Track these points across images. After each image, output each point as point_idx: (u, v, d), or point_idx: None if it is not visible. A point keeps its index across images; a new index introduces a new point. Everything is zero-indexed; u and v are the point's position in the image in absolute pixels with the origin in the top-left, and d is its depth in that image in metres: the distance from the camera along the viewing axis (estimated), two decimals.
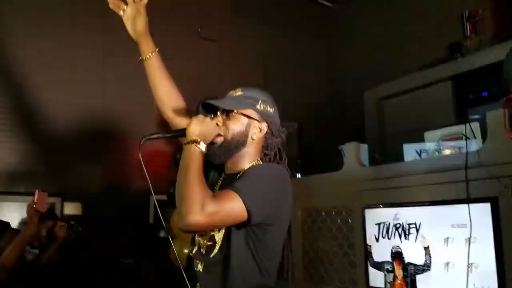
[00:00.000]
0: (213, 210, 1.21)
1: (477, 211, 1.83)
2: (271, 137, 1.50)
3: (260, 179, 1.34)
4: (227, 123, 1.45)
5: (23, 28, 3.81)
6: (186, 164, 1.29)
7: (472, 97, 3.11)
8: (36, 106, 3.77)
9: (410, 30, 4.35)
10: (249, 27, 4.98)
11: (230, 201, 1.25)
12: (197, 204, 1.19)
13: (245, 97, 1.48)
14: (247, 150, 1.47)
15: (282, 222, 1.41)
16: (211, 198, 1.23)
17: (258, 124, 1.47)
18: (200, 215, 1.18)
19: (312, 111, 4.93)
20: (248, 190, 1.27)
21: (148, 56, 1.65)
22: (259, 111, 1.47)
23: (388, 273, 2.19)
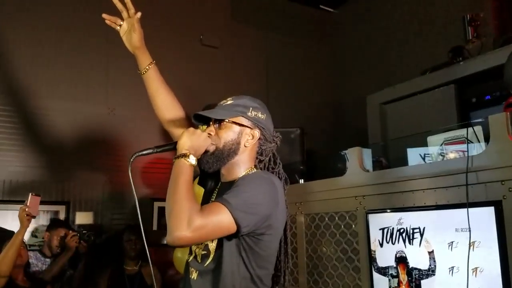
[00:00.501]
0: (199, 224, 1.21)
1: (481, 215, 1.82)
2: (264, 143, 1.53)
3: (249, 190, 1.34)
4: (219, 132, 1.48)
5: (25, 35, 3.84)
6: (174, 178, 1.31)
7: (474, 100, 3.11)
8: (39, 114, 3.79)
9: (412, 34, 4.36)
10: (250, 33, 5.00)
11: (217, 214, 1.26)
12: (183, 220, 1.20)
13: (235, 105, 1.50)
14: (241, 157, 1.49)
15: (274, 230, 1.41)
16: (198, 212, 1.24)
17: (250, 131, 1.49)
18: (187, 231, 1.19)
19: (314, 116, 4.94)
20: (235, 202, 1.28)
21: (146, 68, 1.68)
22: (250, 118, 1.49)
23: (393, 278, 2.18)
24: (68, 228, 3.19)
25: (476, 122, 2.12)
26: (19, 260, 2.70)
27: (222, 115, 1.48)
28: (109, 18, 1.64)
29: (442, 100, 3.19)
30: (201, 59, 4.62)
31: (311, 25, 5.44)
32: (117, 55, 4.19)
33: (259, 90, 4.83)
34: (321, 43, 5.49)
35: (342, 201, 2.54)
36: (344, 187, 2.53)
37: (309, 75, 5.24)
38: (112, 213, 3.94)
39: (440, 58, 3.46)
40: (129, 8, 1.62)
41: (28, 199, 2.68)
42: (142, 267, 3.28)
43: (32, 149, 3.73)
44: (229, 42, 4.83)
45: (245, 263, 1.38)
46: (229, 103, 1.51)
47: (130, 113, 4.15)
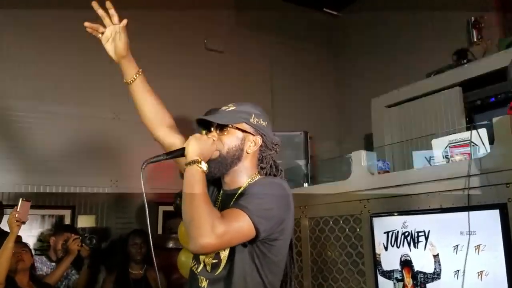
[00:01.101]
0: (223, 230, 1.21)
1: (486, 218, 1.81)
2: (265, 150, 1.53)
3: (264, 195, 1.34)
4: (222, 138, 1.46)
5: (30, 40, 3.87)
6: (190, 186, 1.29)
7: (479, 103, 3.10)
8: (44, 119, 3.81)
9: (416, 37, 4.36)
10: (255, 37, 5.02)
11: (238, 220, 1.26)
12: (206, 226, 1.19)
13: (238, 111, 1.49)
14: (243, 164, 1.48)
15: (285, 235, 1.42)
16: (220, 218, 1.23)
17: (252, 138, 1.49)
18: (211, 237, 1.18)
19: (319, 120, 4.94)
20: (254, 208, 1.28)
21: (134, 78, 1.62)
22: (252, 124, 1.49)
23: (398, 281, 2.17)
24: (73, 232, 3.20)
25: (480, 124, 2.12)
26: (22, 265, 2.70)
27: (226, 121, 1.47)
28: (90, 26, 1.59)
29: (447, 102, 3.19)
30: (205, 63, 4.63)
31: (315, 29, 5.45)
32: None
33: (263, 94, 4.84)
34: (325, 47, 5.49)
35: (347, 205, 2.54)
36: (349, 190, 2.53)
37: (314, 78, 5.24)
38: (117, 217, 3.95)
39: (445, 60, 3.45)
40: (112, 14, 1.55)
41: (19, 205, 2.66)
42: (147, 271, 3.28)
43: (37, 153, 3.75)
44: (233, 46, 4.84)
45: (258, 270, 1.37)
46: (232, 109, 1.50)
47: (135, 118, 4.13)
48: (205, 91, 4.44)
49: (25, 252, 2.75)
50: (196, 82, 4.50)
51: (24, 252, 2.75)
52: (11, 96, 3.74)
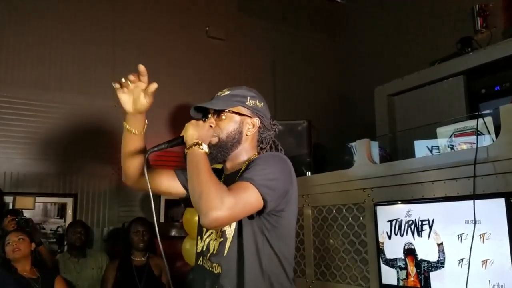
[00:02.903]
0: (232, 203, 1.21)
1: (491, 206, 1.80)
2: (264, 131, 1.55)
3: (267, 166, 1.35)
4: (220, 123, 1.48)
5: (33, 30, 3.85)
6: (195, 166, 1.30)
7: (484, 91, 3.08)
8: (47, 107, 3.81)
9: (421, 25, 4.32)
10: (257, 25, 4.98)
11: (245, 191, 1.26)
12: (216, 200, 1.19)
13: (233, 95, 1.51)
14: (244, 146, 1.51)
15: (291, 205, 1.43)
16: (228, 191, 1.23)
17: (250, 120, 1.51)
18: (221, 210, 1.19)
19: (322, 108, 4.92)
20: (259, 178, 1.29)
21: (140, 132, 1.56)
22: (249, 107, 1.50)
23: (401, 270, 2.17)
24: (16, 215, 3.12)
25: (486, 113, 2.10)
26: (19, 254, 2.71)
27: (222, 105, 1.48)
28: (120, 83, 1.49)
29: (451, 91, 3.16)
30: (207, 51, 4.61)
31: (318, 17, 5.41)
32: (123, 50, 4.19)
33: (266, 82, 4.82)
34: (329, 35, 5.45)
35: (350, 193, 2.53)
36: (352, 179, 2.52)
37: (317, 67, 5.21)
38: (120, 205, 3.96)
39: (449, 49, 3.42)
40: (143, 74, 1.47)
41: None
42: (149, 258, 3.29)
43: (40, 141, 3.75)
44: (235, 34, 4.81)
45: (269, 242, 1.38)
46: (227, 94, 1.52)
47: None
48: (207, 79, 4.42)
49: (21, 241, 2.76)
50: (197, 70, 4.48)
51: (21, 241, 2.76)
52: (13, 83, 3.73)
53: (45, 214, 3.70)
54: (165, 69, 4.33)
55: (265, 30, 5.01)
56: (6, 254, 2.73)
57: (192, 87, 4.33)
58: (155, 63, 4.30)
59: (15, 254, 2.71)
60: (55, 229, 3.69)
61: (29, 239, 2.82)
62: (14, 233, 2.79)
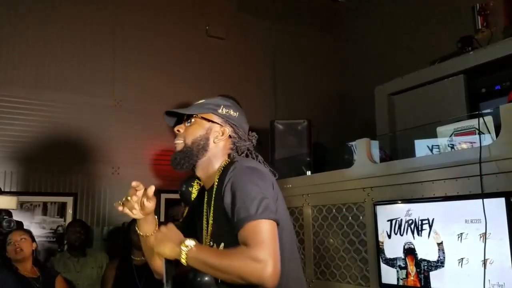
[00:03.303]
0: (263, 253, 1.18)
1: (491, 206, 1.80)
2: (239, 141, 1.52)
3: (250, 189, 1.29)
4: (188, 128, 1.49)
5: (33, 29, 3.85)
6: (203, 264, 1.26)
7: (484, 91, 3.07)
8: (47, 106, 3.81)
9: (421, 24, 4.31)
10: (257, 24, 4.97)
11: (259, 231, 1.22)
12: (252, 265, 1.17)
13: (206, 103, 1.51)
14: (212, 154, 1.48)
15: (280, 208, 1.39)
16: (248, 249, 1.20)
17: (220, 128, 1.49)
18: (265, 267, 1.16)
19: (322, 108, 4.92)
20: (255, 210, 1.24)
21: (150, 234, 1.53)
22: (221, 115, 1.49)
23: (401, 269, 2.17)
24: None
25: (486, 112, 2.10)
26: (21, 254, 2.70)
27: (192, 111, 1.49)
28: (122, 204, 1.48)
29: (451, 90, 3.16)
30: (207, 50, 4.60)
31: (318, 16, 5.40)
32: (123, 48, 4.19)
33: (265, 81, 4.82)
34: (329, 34, 5.44)
35: (350, 193, 2.53)
36: (352, 178, 2.52)
37: (317, 66, 5.21)
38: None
39: (449, 48, 3.41)
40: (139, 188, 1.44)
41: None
42: None
43: (40, 141, 3.75)
44: (235, 33, 4.80)
45: None
46: (201, 102, 1.53)
47: (136, 105, 4.16)
48: (207, 78, 4.42)
49: (24, 241, 2.75)
50: (197, 69, 4.48)
51: (23, 240, 2.74)
52: (13, 83, 3.73)
53: (45, 214, 3.70)
54: (165, 69, 4.33)
55: (265, 29, 5.00)
56: (8, 253, 2.71)
57: (192, 86, 4.33)
58: (155, 62, 4.30)
59: (17, 255, 2.70)
60: (55, 228, 3.69)
61: (31, 239, 2.81)
62: (16, 233, 2.77)
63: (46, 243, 3.41)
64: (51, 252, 3.53)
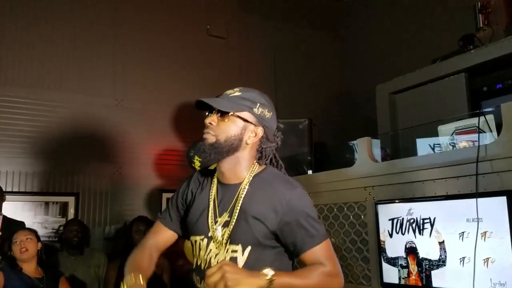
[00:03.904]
0: (339, 268, 1.36)
1: (493, 205, 1.80)
2: (266, 142, 1.46)
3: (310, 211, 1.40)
4: (221, 124, 1.39)
5: (34, 28, 3.85)
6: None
7: (486, 89, 3.07)
8: (48, 106, 3.81)
9: (422, 23, 4.30)
10: (258, 23, 4.96)
11: (330, 249, 1.38)
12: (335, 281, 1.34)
13: (242, 98, 1.41)
14: (241, 155, 1.42)
15: None
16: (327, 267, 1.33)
17: (253, 128, 1.41)
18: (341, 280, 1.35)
19: (323, 107, 4.91)
20: (323, 231, 1.39)
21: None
22: (256, 114, 1.40)
23: (402, 268, 2.17)
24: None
25: (487, 111, 2.09)
26: (27, 254, 2.70)
27: (228, 107, 1.38)
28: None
29: (453, 89, 3.15)
30: (208, 50, 4.60)
31: (320, 15, 5.39)
32: (124, 47, 4.19)
33: (267, 80, 4.81)
34: (330, 33, 5.43)
35: (351, 192, 2.53)
36: (353, 177, 2.52)
37: (318, 65, 5.20)
38: (121, 204, 3.96)
39: (451, 46, 3.40)
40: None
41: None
42: None
43: (41, 140, 3.76)
44: (236, 32, 4.80)
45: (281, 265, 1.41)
46: (236, 95, 1.41)
47: (138, 104, 4.16)
48: (208, 77, 4.42)
49: (29, 241, 2.73)
50: (198, 68, 4.47)
51: (29, 240, 2.73)
52: (14, 83, 3.73)
53: (47, 214, 3.71)
54: (165, 68, 4.33)
55: (266, 28, 5.00)
56: (13, 253, 2.69)
57: (193, 85, 4.33)
58: (156, 61, 4.30)
59: (22, 255, 2.68)
60: (57, 228, 3.70)
61: (36, 239, 2.81)
62: (21, 232, 2.76)
63: (48, 243, 3.40)
64: (53, 252, 3.52)
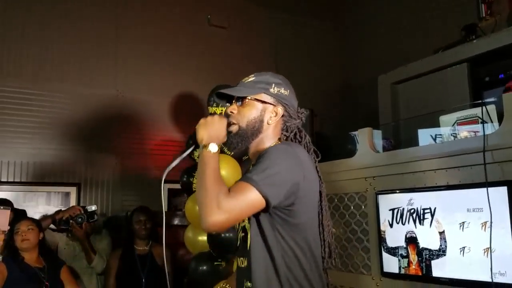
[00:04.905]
0: (229, 206, 1.24)
1: (493, 195, 1.80)
2: (289, 119, 1.50)
3: (269, 163, 1.32)
4: (241, 110, 1.45)
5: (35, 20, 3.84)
6: (201, 171, 1.33)
7: (488, 79, 3.05)
8: (50, 97, 3.81)
9: (424, 12, 4.27)
10: (259, 13, 4.93)
11: (244, 192, 1.27)
12: (213, 205, 1.23)
13: (257, 81, 1.47)
14: (265, 135, 1.47)
15: (304, 198, 1.37)
16: (226, 194, 1.25)
17: (273, 108, 1.46)
18: (218, 214, 1.22)
19: (324, 97, 4.89)
20: (258, 177, 1.28)
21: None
22: (273, 94, 1.46)
23: (403, 258, 2.18)
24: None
25: (489, 101, 2.08)
26: (28, 244, 2.71)
27: (244, 92, 1.46)
28: None
29: (455, 79, 3.13)
30: (209, 40, 4.57)
31: (321, 5, 5.34)
32: (125, 38, 4.18)
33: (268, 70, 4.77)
34: (332, 23, 5.39)
35: (352, 182, 2.53)
36: (354, 168, 2.52)
37: (319, 55, 5.17)
38: (123, 194, 3.97)
39: (453, 36, 3.38)
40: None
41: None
42: (152, 247, 3.30)
43: (43, 131, 3.76)
44: (237, 22, 4.77)
45: (283, 237, 1.36)
46: (251, 80, 1.49)
47: (138, 95, 4.15)
48: (209, 67, 4.40)
49: (31, 231, 2.75)
50: (199, 58, 4.45)
51: (30, 230, 2.75)
52: (15, 75, 3.73)
53: (49, 204, 3.72)
54: (166, 58, 4.31)
55: (267, 18, 4.96)
56: (15, 242, 2.71)
57: (194, 75, 4.32)
58: (156, 52, 4.28)
59: (23, 244, 2.70)
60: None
61: (38, 229, 2.82)
62: (23, 222, 2.77)
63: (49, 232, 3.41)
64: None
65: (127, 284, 3.18)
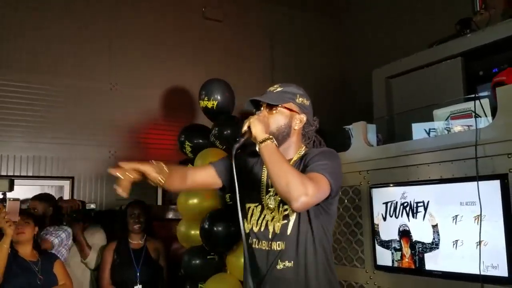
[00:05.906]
0: (314, 189, 1.40)
1: (486, 188, 1.81)
2: (307, 126, 1.71)
3: (329, 161, 1.54)
4: (271, 116, 1.64)
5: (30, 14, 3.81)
6: (276, 159, 1.46)
7: (482, 73, 3.05)
8: (43, 90, 3.79)
9: (419, 6, 4.27)
10: (255, 6, 4.92)
11: (321, 181, 1.46)
12: (301, 188, 1.37)
13: (285, 92, 1.68)
14: (292, 139, 1.68)
15: (339, 193, 1.67)
16: (311, 182, 1.41)
17: (298, 116, 1.68)
18: (308, 195, 1.38)
19: (319, 91, 4.88)
20: (328, 170, 1.49)
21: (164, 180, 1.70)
22: (298, 104, 1.68)
23: (396, 251, 2.19)
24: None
25: (482, 95, 2.09)
26: (23, 237, 2.71)
27: (277, 101, 1.64)
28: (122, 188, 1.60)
29: (449, 73, 3.14)
30: (204, 33, 4.56)
31: None
32: (119, 32, 4.15)
33: (263, 64, 4.79)
34: (327, 17, 5.39)
35: (346, 176, 2.53)
36: (348, 162, 2.52)
37: (315, 49, 5.17)
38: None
39: (447, 30, 3.38)
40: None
41: (7, 205, 2.60)
42: (147, 241, 3.30)
43: (37, 125, 3.74)
44: (233, 15, 4.75)
45: (322, 225, 1.60)
46: (279, 90, 1.68)
47: (132, 88, 4.14)
48: (204, 60, 4.39)
49: (27, 224, 2.75)
50: (194, 52, 4.44)
51: (26, 224, 2.75)
52: (9, 67, 3.70)
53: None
54: (161, 51, 4.29)
55: (263, 11, 4.95)
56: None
57: (189, 68, 4.31)
58: (151, 45, 4.26)
59: (19, 236, 2.70)
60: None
61: (33, 223, 2.82)
62: (22, 216, 2.78)
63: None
64: None
65: (122, 278, 3.18)
